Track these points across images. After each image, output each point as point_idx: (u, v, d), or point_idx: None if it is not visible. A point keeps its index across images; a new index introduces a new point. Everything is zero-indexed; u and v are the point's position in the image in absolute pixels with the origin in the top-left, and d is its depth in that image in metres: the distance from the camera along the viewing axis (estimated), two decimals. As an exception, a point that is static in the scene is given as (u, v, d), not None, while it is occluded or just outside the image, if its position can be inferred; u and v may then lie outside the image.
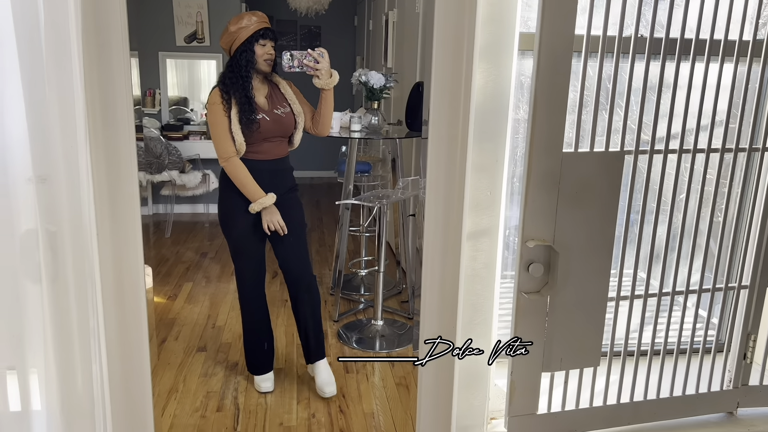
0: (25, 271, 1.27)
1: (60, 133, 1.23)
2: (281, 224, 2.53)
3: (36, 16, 1.16)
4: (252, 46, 2.43)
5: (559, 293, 1.46)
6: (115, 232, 1.35)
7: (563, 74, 1.34)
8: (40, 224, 1.25)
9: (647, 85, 1.44)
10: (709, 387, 1.67)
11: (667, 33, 1.42)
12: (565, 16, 1.32)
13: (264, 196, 2.50)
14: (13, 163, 1.22)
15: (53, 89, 1.20)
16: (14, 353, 1.30)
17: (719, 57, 1.47)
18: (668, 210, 1.55)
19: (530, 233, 1.41)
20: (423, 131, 1.47)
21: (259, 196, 2.50)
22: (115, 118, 1.30)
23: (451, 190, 1.37)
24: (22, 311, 1.29)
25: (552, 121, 1.36)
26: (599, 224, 1.46)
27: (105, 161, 1.32)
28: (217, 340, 3.34)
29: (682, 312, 1.63)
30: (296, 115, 2.58)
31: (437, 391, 1.50)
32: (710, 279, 1.65)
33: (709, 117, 1.51)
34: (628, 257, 1.54)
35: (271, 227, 2.53)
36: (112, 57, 1.27)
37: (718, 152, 1.54)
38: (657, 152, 1.50)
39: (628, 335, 1.61)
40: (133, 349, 1.43)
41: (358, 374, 3.01)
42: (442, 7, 1.29)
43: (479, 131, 1.38)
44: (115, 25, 1.25)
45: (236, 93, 2.44)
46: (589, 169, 1.43)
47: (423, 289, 1.44)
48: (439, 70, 1.30)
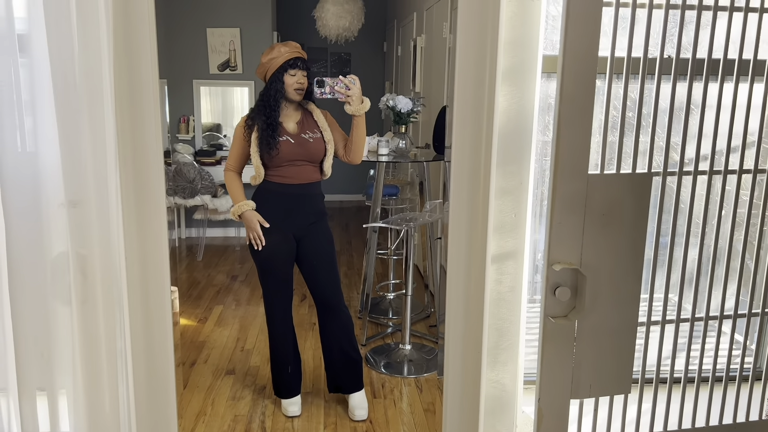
0: (56, 294, 1.30)
1: (91, 160, 1.26)
2: (259, 236, 2.56)
3: (70, 46, 1.20)
4: (281, 76, 2.49)
5: (587, 318, 1.43)
6: (142, 255, 1.38)
7: (587, 96, 1.33)
8: (71, 248, 1.28)
9: (674, 105, 1.41)
10: (747, 416, 1.60)
11: (693, 53, 1.40)
12: (589, 38, 1.31)
13: (244, 201, 2.56)
14: (46, 188, 1.26)
15: (85, 117, 1.24)
16: (43, 374, 1.33)
17: (749, 77, 1.44)
18: (699, 232, 1.52)
19: (556, 256, 1.39)
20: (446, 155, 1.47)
21: (239, 201, 2.57)
22: (144, 143, 1.33)
23: (475, 213, 1.36)
24: (52, 333, 1.32)
25: (577, 142, 1.35)
26: (628, 247, 1.43)
27: (134, 186, 1.35)
28: (246, 363, 3.35)
29: (717, 338, 1.57)
30: (326, 141, 2.60)
31: (462, 418, 1.48)
32: (746, 303, 1.60)
33: (740, 138, 1.47)
34: (659, 281, 1.50)
35: (250, 236, 2.57)
36: (141, 85, 1.30)
37: (750, 173, 1.50)
38: (686, 173, 1.47)
39: (660, 362, 1.56)
40: (159, 371, 1.44)
41: (386, 399, 2.98)
42: (464, 31, 1.30)
43: (503, 154, 1.38)
44: (144, 53, 1.29)
45: (260, 119, 2.50)
46: (616, 191, 1.40)
47: (447, 312, 1.42)
48: (461, 93, 1.31)
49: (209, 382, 3.13)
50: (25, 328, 1.28)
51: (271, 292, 2.70)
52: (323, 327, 2.76)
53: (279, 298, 2.70)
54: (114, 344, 1.36)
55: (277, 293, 2.69)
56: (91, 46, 1.23)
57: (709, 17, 1.40)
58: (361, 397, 2.82)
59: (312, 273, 2.67)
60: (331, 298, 2.70)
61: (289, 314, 2.75)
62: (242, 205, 2.57)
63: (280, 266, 2.64)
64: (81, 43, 1.22)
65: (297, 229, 2.62)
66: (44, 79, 1.23)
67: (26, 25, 1.24)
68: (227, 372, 3.24)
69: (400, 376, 3.24)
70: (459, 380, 1.47)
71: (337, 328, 2.73)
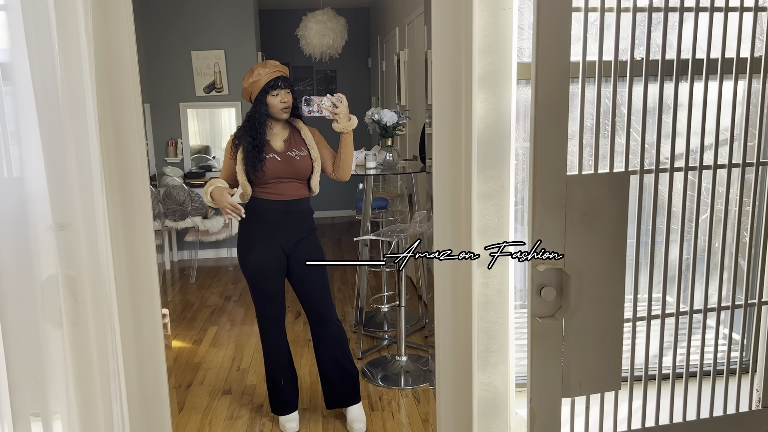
0: (47, 316, 1.31)
1: (77, 182, 1.28)
2: (234, 206, 2.47)
3: (53, 70, 1.23)
4: (264, 99, 2.51)
5: (573, 316, 1.45)
6: (132, 275, 1.39)
7: (562, 100, 1.36)
8: (60, 270, 1.29)
9: (648, 105, 1.45)
10: (737, 408, 1.62)
11: (663, 54, 1.44)
12: (560, 43, 1.35)
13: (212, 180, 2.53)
14: (34, 212, 1.28)
15: (70, 140, 1.26)
16: (37, 397, 1.33)
17: (718, 75, 1.48)
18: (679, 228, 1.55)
19: (540, 257, 1.41)
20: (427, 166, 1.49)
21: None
22: (129, 165, 1.35)
23: (458, 218, 1.39)
24: (44, 356, 1.33)
25: (554, 145, 1.38)
26: (610, 245, 1.45)
27: (121, 207, 1.37)
28: (242, 382, 3.34)
29: (702, 331, 1.60)
30: (313, 159, 2.62)
31: (456, 422, 1.49)
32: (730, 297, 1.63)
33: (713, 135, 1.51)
34: (643, 277, 1.53)
35: (227, 211, 2.49)
36: (124, 108, 1.33)
37: (725, 168, 1.54)
38: (663, 171, 1.50)
39: (648, 357, 1.58)
40: (153, 391, 1.45)
41: (384, 412, 2.98)
42: (439, 40, 1.33)
43: (483, 158, 1.41)
44: (126, 77, 1.31)
45: (245, 140, 2.53)
46: (595, 191, 1.43)
47: (436, 317, 1.44)
48: (439, 101, 1.34)
49: (206, 403, 3.12)
50: (18, 352, 1.28)
51: (263, 308, 2.71)
52: (317, 341, 2.77)
53: (271, 313, 2.71)
54: (107, 366, 1.37)
55: (269, 308, 2.70)
56: (74, 71, 1.26)
57: (676, 19, 1.44)
58: (359, 410, 2.83)
59: (303, 287, 2.69)
60: (323, 311, 2.71)
61: (282, 329, 2.76)
62: (209, 184, 2.51)
63: (270, 281, 2.65)
64: (64, 69, 1.25)
65: (286, 245, 2.63)
66: (28, 105, 1.25)
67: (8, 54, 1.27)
68: (224, 392, 3.23)
69: (398, 387, 3.24)
70: (451, 384, 1.48)
71: (330, 340, 2.73)
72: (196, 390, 3.27)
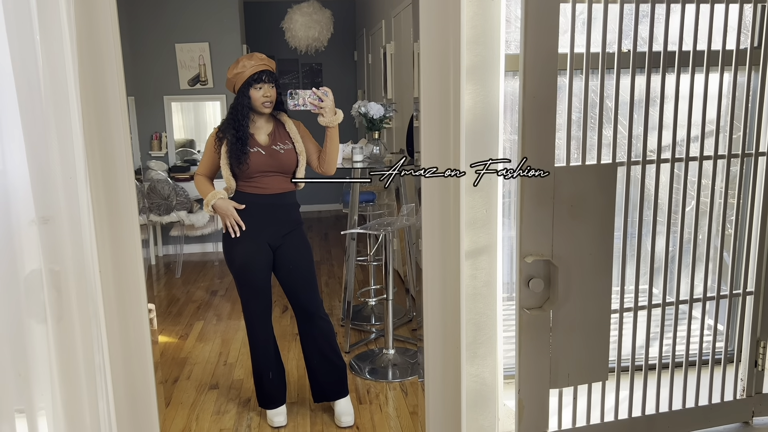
0: (31, 312, 1.29)
1: (61, 175, 1.26)
2: (236, 220, 2.53)
3: (34, 61, 1.20)
4: (247, 91, 2.49)
5: (561, 308, 1.46)
6: (117, 269, 1.37)
7: (549, 91, 1.37)
8: (44, 264, 1.27)
9: (635, 97, 1.46)
10: (722, 397, 1.64)
11: (650, 46, 1.44)
12: (548, 35, 1.35)
13: (213, 191, 2.54)
14: (16, 205, 1.26)
15: (53, 132, 1.23)
16: (22, 394, 1.31)
17: (704, 67, 1.49)
18: (665, 220, 1.56)
19: (528, 248, 1.42)
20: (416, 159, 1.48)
21: (208, 192, 2.55)
22: (114, 158, 1.33)
23: (447, 210, 1.39)
24: (29, 351, 1.31)
25: (541, 137, 1.38)
26: (597, 236, 1.46)
27: (105, 201, 1.35)
28: (229, 377, 3.33)
29: (688, 322, 1.61)
30: (298, 153, 2.61)
31: (445, 413, 1.49)
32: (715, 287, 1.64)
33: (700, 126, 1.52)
34: (630, 268, 1.54)
35: (228, 223, 2.54)
36: (108, 100, 1.31)
37: (711, 159, 1.55)
38: (650, 162, 1.51)
39: (635, 348, 1.60)
40: (140, 385, 1.44)
41: (372, 405, 2.98)
42: (427, 32, 1.32)
43: (471, 150, 1.40)
44: (110, 69, 1.29)
45: (228, 133, 2.51)
46: (582, 183, 1.44)
47: (425, 309, 1.44)
48: (427, 91, 1.33)
49: (193, 398, 3.11)
50: (1, 347, 1.26)
51: (250, 302, 2.69)
52: (303, 335, 2.76)
53: (258, 308, 2.70)
54: (92, 361, 1.35)
55: (255, 303, 2.69)
56: (56, 62, 1.23)
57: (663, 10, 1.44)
58: (347, 404, 2.82)
59: (289, 281, 2.67)
60: (310, 306, 2.70)
61: (268, 323, 2.75)
62: (212, 196, 2.54)
63: (257, 276, 2.63)
64: (45, 60, 1.22)
65: (272, 239, 2.62)
66: (10, 97, 1.23)
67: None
68: (211, 387, 3.22)
69: (385, 380, 3.25)
70: (439, 376, 1.48)
71: (317, 335, 2.73)
72: (183, 385, 3.24)
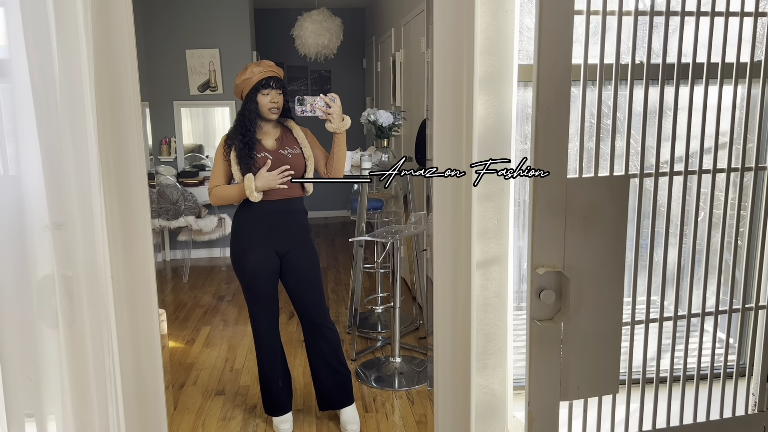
0: (42, 317, 1.29)
1: (75, 181, 1.27)
2: (279, 174, 2.48)
3: (51, 67, 1.21)
4: (255, 97, 2.50)
5: (572, 319, 1.45)
6: (129, 275, 1.38)
7: (563, 103, 1.36)
8: (57, 270, 1.28)
9: (648, 109, 1.45)
10: (734, 411, 1.63)
11: (663, 58, 1.44)
12: (562, 46, 1.35)
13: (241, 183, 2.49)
14: (30, 210, 1.26)
15: (68, 139, 1.24)
16: (32, 399, 1.32)
17: (718, 79, 1.48)
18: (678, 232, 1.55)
19: (540, 260, 1.41)
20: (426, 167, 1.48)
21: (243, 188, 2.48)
22: (128, 165, 1.34)
23: (458, 220, 1.38)
24: (40, 356, 1.31)
25: (554, 148, 1.38)
26: (609, 248, 1.45)
27: (118, 207, 1.35)
28: (236, 383, 3.32)
29: (700, 335, 1.60)
30: (306, 158, 2.61)
31: (454, 424, 1.48)
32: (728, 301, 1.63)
33: (713, 139, 1.51)
34: (641, 281, 1.53)
35: (278, 181, 2.49)
36: (123, 106, 1.31)
37: (724, 172, 1.54)
38: (662, 174, 1.50)
39: (646, 361, 1.58)
40: (149, 391, 1.44)
41: (378, 413, 2.97)
42: (441, 42, 1.33)
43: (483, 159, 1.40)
44: (126, 76, 1.30)
45: (237, 139, 2.51)
46: (595, 194, 1.43)
47: (435, 319, 1.43)
48: (440, 102, 1.33)
49: (199, 403, 3.10)
50: (12, 352, 1.27)
51: (257, 309, 2.69)
52: (309, 343, 2.76)
53: (265, 315, 2.70)
54: (102, 366, 1.36)
55: (262, 309, 2.69)
56: (73, 69, 1.24)
57: (677, 22, 1.44)
58: (353, 412, 2.82)
59: (296, 289, 2.67)
60: (316, 314, 2.70)
61: (275, 330, 2.75)
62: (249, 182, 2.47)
63: (264, 283, 2.63)
64: (62, 66, 1.23)
65: (280, 245, 2.62)
66: (26, 103, 1.24)
67: (6, 50, 1.25)
68: (217, 393, 3.22)
69: (391, 389, 3.23)
70: (449, 387, 1.48)
71: (323, 344, 2.72)
72: (189, 390, 3.24)
